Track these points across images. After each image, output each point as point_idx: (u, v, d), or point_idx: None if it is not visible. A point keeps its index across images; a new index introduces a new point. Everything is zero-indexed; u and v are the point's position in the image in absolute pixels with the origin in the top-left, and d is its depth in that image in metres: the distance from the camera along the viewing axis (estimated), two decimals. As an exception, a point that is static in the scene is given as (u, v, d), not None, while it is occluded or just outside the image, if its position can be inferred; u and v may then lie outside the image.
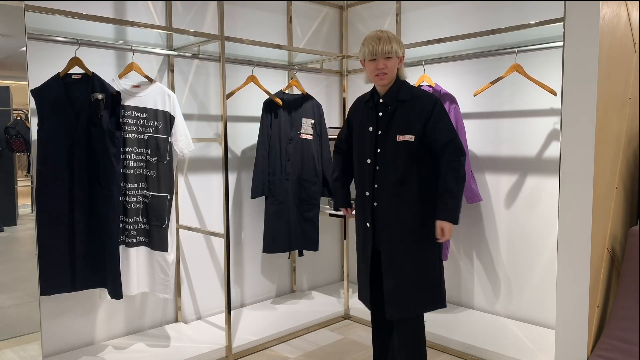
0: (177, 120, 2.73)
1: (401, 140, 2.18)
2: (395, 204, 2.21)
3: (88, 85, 2.43)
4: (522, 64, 2.87)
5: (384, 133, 2.23)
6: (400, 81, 2.25)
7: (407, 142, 2.18)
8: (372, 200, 2.27)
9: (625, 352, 1.79)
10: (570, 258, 1.84)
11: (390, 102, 2.22)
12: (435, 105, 2.19)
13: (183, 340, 2.85)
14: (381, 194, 2.24)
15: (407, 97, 2.21)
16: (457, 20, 3.24)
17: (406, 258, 2.21)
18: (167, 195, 2.71)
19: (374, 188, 2.26)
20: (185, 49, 2.99)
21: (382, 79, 2.20)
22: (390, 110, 2.22)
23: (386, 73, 2.19)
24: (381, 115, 2.25)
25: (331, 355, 2.85)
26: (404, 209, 2.21)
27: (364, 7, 3.78)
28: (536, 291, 3.00)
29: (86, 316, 2.75)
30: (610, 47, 1.84)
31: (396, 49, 2.18)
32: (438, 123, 2.17)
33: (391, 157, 2.21)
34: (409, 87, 2.26)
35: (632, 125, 2.14)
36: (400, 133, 2.19)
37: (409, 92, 2.22)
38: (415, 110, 2.18)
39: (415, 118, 2.18)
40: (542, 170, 2.95)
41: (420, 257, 2.22)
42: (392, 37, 2.19)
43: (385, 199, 2.23)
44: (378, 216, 2.26)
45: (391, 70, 2.19)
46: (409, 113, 2.19)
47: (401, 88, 2.23)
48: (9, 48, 2.39)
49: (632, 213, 2.23)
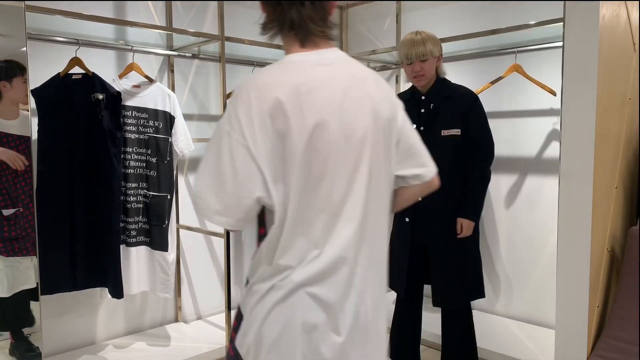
0: (177, 120, 2.73)
1: (447, 134, 2.24)
2: (441, 199, 2.22)
3: (88, 85, 2.43)
4: (522, 64, 2.87)
5: (428, 129, 2.26)
6: (442, 79, 2.31)
7: (453, 137, 2.24)
8: None
9: (625, 352, 1.79)
10: (570, 258, 1.84)
11: (434, 98, 2.28)
12: (476, 103, 2.26)
13: (183, 339, 2.85)
14: None
15: (451, 93, 2.27)
16: (457, 20, 3.24)
17: (453, 250, 2.29)
18: (167, 195, 2.71)
19: None
20: (185, 49, 2.99)
21: (420, 81, 2.26)
22: (434, 106, 2.27)
23: (423, 75, 2.24)
24: (423, 111, 2.30)
25: (331, 355, 2.85)
26: (448, 203, 2.26)
27: (364, 7, 3.78)
28: (536, 291, 3.00)
29: (86, 316, 2.75)
30: (610, 47, 1.84)
31: (431, 50, 2.21)
32: (475, 121, 2.24)
33: (438, 152, 2.16)
34: (451, 84, 2.32)
35: (632, 125, 2.14)
36: (446, 128, 2.24)
37: (452, 89, 2.29)
38: (458, 105, 2.24)
39: (458, 113, 2.24)
40: (542, 170, 2.95)
41: (464, 249, 2.31)
42: (427, 38, 2.22)
43: (430, 194, 2.25)
44: (421, 211, 2.30)
45: (428, 72, 2.24)
46: (453, 109, 2.24)
47: (444, 85, 2.29)
48: (9, 48, 2.39)
49: (632, 213, 2.23)
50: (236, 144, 1.04)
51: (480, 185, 2.28)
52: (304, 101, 1.04)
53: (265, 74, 1.09)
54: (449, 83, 2.32)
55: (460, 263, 2.32)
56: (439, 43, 2.27)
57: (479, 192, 2.28)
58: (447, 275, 2.31)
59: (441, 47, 2.29)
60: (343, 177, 1.09)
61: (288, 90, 1.04)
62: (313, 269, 1.08)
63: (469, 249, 2.33)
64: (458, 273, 2.31)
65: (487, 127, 2.29)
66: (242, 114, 1.04)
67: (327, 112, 1.06)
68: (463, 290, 2.32)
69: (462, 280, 2.31)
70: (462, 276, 2.31)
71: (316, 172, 1.06)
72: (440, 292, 2.32)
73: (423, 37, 2.22)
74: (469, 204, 2.26)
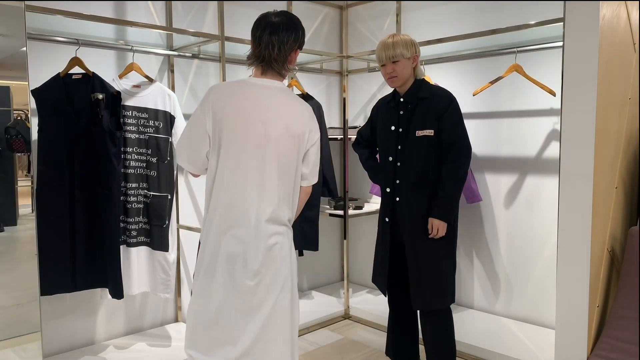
0: (177, 120, 2.73)
1: (421, 135, 2.26)
2: (416, 199, 2.29)
3: (88, 85, 2.43)
4: (521, 64, 2.87)
5: (405, 130, 2.31)
6: (420, 80, 2.34)
7: (426, 137, 2.26)
8: (393, 196, 2.36)
9: (625, 352, 1.79)
10: (570, 258, 1.84)
11: (411, 100, 2.30)
12: (451, 103, 2.27)
13: (183, 340, 2.84)
14: (402, 190, 2.32)
15: (427, 94, 2.29)
16: (457, 20, 3.24)
17: (427, 251, 2.29)
18: (167, 195, 2.71)
19: (395, 184, 2.35)
20: (186, 49, 2.99)
21: (393, 82, 2.32)
22: (410, 107, 2.30)
23: (395, 76, 2.28)
24: (402, 113, 2.33)
25: (331, 355, 2.85)
26: (424, 204, 2.28)
27: (364, 7, 3.78)
28: (536, 291, 3.00)
29: (86, 316, 2.75)
30: (610, 47, 1.84)
31: (401, 52, 2.25)
32: (448, 121, 2.25)
33: (411, 152, 2.29)
34: (428, 85, 2.35)
35: (632, 125, 2.14)
36: (419, 128, 2.27)
37: (428, 90, 2.31)
38: (433, 106, 2.26)
39: (432, 114, 2.26)
40: (541, 170, 2.95)
41: (437, 251, 2.29)
42: (398, 41, 2.27)
43: (406, 194, 2.31)
44: (399, 211, 2.34)
45: (401, 73, 2.28)
46: (428, 109, 2.27)
47: (421, 87, 2.32)
48: (9, 48, 2.39)
49: (632, 213, 2.23)
50: (197, 121, 1.75)
51: (452, 184, 2.25)
52: (235, 101, 1.73)
53: (227, 82, 1.82)
54: (426, 84, 2.34)
55: (433, 265, 2.29)
56: (414, 45, 2.29)
57: (449, 191, 2.24)
58: (418, 276, 2.29)
59: (416, 49, 2.31)
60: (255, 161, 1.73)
61: (229, 93, 1.75)
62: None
63: (441, 251, 2.30)
64: (430, 275, 2.29)
65: (462, 127, 2.28)
66: (204, 103, 1.75)
67: (248, 112, 1.72)
68: (433, 293, 2.29)
69: (433, 283, 2.29)
70: (434, 279, 2.29)
71: (234, 149, 1.73)
72: (414, 294, 2.31)
73: (395, 40, 2.27)
74: (439, 203, 2.24)
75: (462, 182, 2.27)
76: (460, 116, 2.30)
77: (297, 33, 1.78)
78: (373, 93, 3.80)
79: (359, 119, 3.91)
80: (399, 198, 2.34)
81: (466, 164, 2.28)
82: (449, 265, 2.35)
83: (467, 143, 2.29)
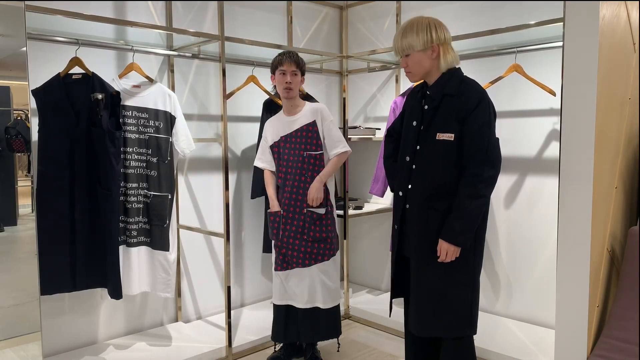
0: (178, 120, 2.74)
1: (440, 139, 1.92)
2: (428, 215, 1.96)
3: (88, 85, 2.43)
4: (521, 64, 2.87)
5: (426, 129, 1.97)
6: (451, 71, 1.97)
7: (445, 142, 1.91)
8: (404, 202, 2.05)
9: (625, 352, 1.79)
10: (570, 258, 1.84)
11: (436, 95, 1.96)
12: (479, 104, 1.89)
13: (183, 339, 2.85)
14: (414, 198, 2.00)
15: (453, 91, 1.93)
16: (457, 20, 3.24)
17: (431, 273, 1.98)
18: (168, 195, 2.71)
19: (407, 189, 2.03)
20: (185, 49, 2.99)
21: (409, 77, 2.03)
22: (435, 103, 1.96)
23: (409, 71, 2.00)
24: (427, 108, 1.98)
25: (331, 355, 2.85)
26: (436, 221, 1.95)
27: (364, 7, 3.78)
28: (536, 291, 3.00)
29: (86, 316, 2.75)
30: (610, 47, 1.84)
31: (410, 44, 1.94)
32: (473, 125, 1.88)
33: (429, 157, 1.96)
34: (459, 79, 1.96)
35: (632, 125, 2.14)
36: (440, 130, 1.93)
37: (456, 85, 1.94)
38: (458, 105, 1.91)
39: (455, 115, 1.91)
40: (541, 171, 2.95)
41: (450, 275, 1.97)
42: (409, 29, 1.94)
43: (417, 205, 1.99)
44: (409, 220, 2.03)
45: (413, 67, 1.98)
46: (452, 109, 1.92)
47: (450, 80, 1.95)
48: (9, 48, 2.39)
49: (632, 213, 2.23)
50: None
51: (469, 202, 1.87)
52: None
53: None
54: (456, 77, 1.96)
55: (442, 290, 1.96)
56: (429, 32, 1.91)
57: (465, 211, 1.88)
58: (421, 299, 2.00)
59: (435, 36, 1.93)
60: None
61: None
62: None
63: (450, 277, 1.96)
64: (436, 301, 1.97)
65: (489, 134, 1.89)
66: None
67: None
68: (439, 321, 1.98)
69: (439, 310, 1.97)
70: (441, 306, 1.97)
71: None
72: (413, 316, 2.03)
73: (406, 28, 1.93)
74: (452, 224, 1.89)
75: (483, 200, 1.91)
76: (489, 120, 1.91)
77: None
78: (373, 93, 3.80)
79: (359, 119, 3.91)
80: (409, 206, 2.02)
81: (489, 180, 1.89)
82: (460, 294, 1.98)
83: (492, 153, 1.89)
